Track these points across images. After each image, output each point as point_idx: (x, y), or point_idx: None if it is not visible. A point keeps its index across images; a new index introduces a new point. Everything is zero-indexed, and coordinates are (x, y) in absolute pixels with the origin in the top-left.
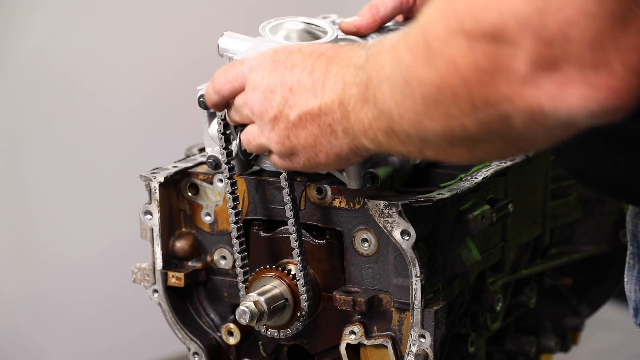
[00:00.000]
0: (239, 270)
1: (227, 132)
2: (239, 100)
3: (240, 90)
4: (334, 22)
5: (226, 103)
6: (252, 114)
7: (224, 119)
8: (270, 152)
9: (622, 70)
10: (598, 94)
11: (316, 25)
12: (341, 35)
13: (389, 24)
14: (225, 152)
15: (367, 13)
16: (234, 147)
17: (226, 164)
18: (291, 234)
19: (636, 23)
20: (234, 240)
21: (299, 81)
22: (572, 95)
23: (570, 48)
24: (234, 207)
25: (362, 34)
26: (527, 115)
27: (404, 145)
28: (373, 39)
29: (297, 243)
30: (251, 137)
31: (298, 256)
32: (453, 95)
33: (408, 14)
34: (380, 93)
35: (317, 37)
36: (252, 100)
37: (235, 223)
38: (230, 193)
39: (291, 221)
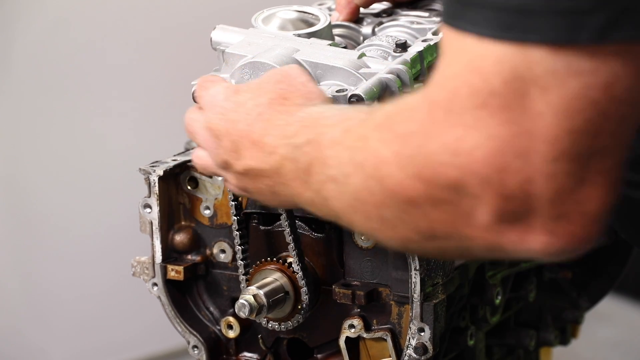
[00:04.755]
0: (239, 262)
1: None
2: (190, 118)
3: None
4: (329, 9)
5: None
6: (204, 148)
7: None
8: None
9: (580, 218)
10: (559, 240)
11: (310, 13)
12: (335, 21)
13: (376, 6)
14: None
15: (344, 9)
16: None
17: None
18: (284, 228)
19: (591, 177)
20: (235, 233)
21: (241, 137)
22: (533, 242)
23: (531, 203)
24: (234, 200)
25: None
26: (486, 250)
27: (351, 229)
28: (368, 23)
29: (291, 237)
30: (206, 165)
31: (293, 250)
32: (413, 224)
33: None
34: (326, 191)
35: (311, 25)
36: (206, 138)
37: (236, 215)
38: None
39: (283, 216)
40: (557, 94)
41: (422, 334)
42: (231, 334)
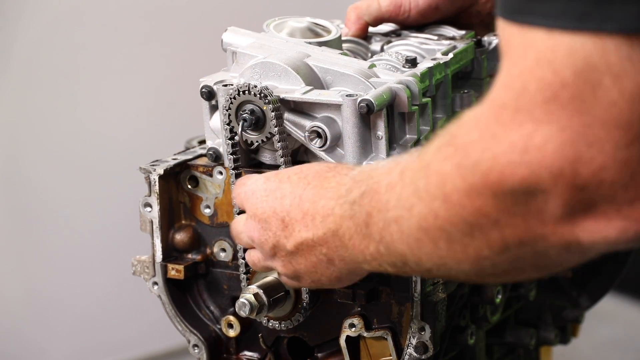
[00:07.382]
0: (240, 261)
1: (232, 123)
2: (239, 226)
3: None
4: (338, 26)
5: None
6: (252, 241)
7: (229, 109)
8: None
9: None
10: (636, 224)
11: (320, 25)
12: (344, 36)
13: (383, 27)
14: (230, 142)
15: (353, 25)
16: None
17: (231, 154)
18: None
19: None
20: None
21: (289, 212)
22: (610, 229)
23: (604, 190)
24: None
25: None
26: (563, 249)
27: (419, 274)
28: (377, 41)
29: None
30: (256, 260)
31: None
32: (484, 238)
33: (402, 22)
34: (389, 235)
35: (319, 36)
36: (251, 229)
37: (239, 214)
38: (234, 184)
39: None
40: (632, 81)
41: (423, 332)
42: (232, 333)
